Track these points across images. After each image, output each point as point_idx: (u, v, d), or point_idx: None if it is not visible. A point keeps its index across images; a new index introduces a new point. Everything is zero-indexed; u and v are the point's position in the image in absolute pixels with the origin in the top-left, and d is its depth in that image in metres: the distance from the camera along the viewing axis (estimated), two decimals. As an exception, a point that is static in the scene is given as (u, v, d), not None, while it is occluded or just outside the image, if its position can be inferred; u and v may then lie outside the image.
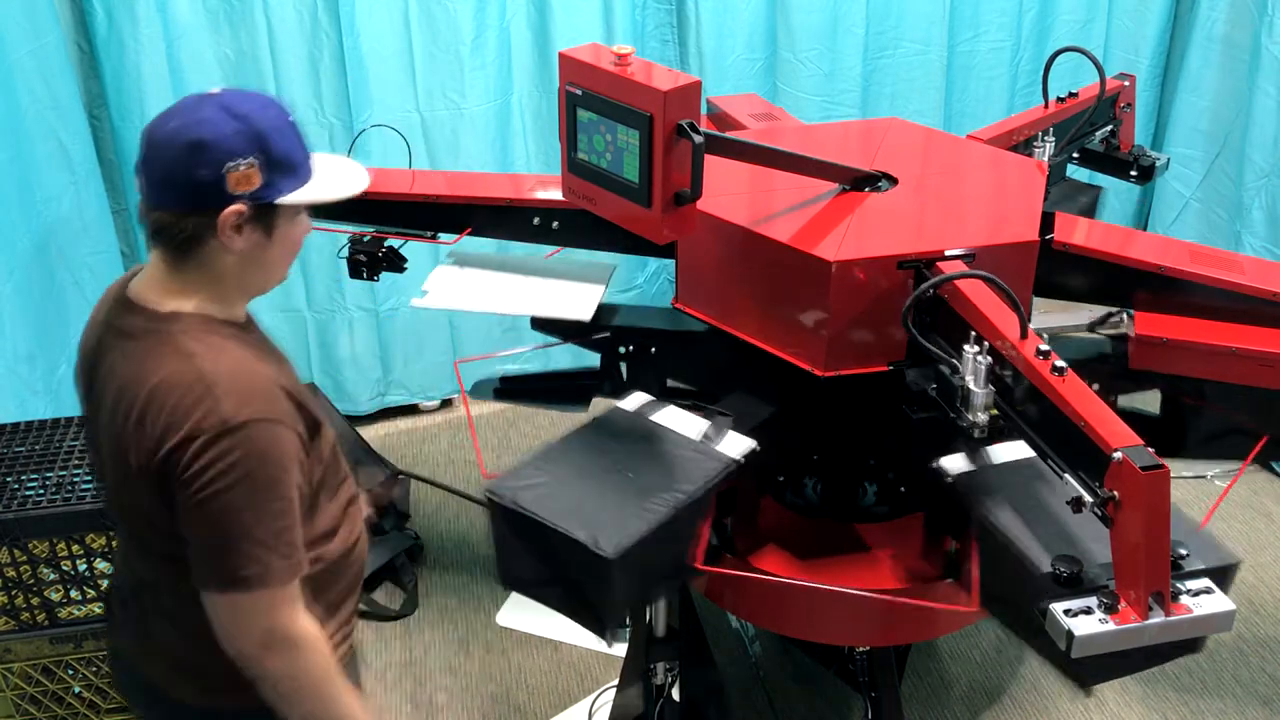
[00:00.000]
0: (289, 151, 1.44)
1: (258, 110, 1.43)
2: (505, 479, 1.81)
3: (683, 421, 2.01)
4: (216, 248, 1.45)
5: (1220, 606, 1.49)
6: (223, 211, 1.41)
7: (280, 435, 1.43)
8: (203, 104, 1.42)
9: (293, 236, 1.51)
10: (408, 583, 3.17)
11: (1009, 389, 1.73)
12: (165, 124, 1.41)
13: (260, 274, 1.52)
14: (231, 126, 1.39)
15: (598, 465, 1.87)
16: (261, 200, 1.43)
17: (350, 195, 1.53)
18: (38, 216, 2.91)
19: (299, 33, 3.30)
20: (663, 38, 3.71)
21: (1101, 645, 1.46)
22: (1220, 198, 3.99)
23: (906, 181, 2.25)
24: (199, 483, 1.39)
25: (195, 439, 1.38)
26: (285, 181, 1.44)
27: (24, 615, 2.37)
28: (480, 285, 2.39)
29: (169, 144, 1.40)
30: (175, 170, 1.40)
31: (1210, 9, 3.84)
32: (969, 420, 1.73)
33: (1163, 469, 1.42)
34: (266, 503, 1.42)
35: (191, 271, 1.47)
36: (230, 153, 1.39)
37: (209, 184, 1.39)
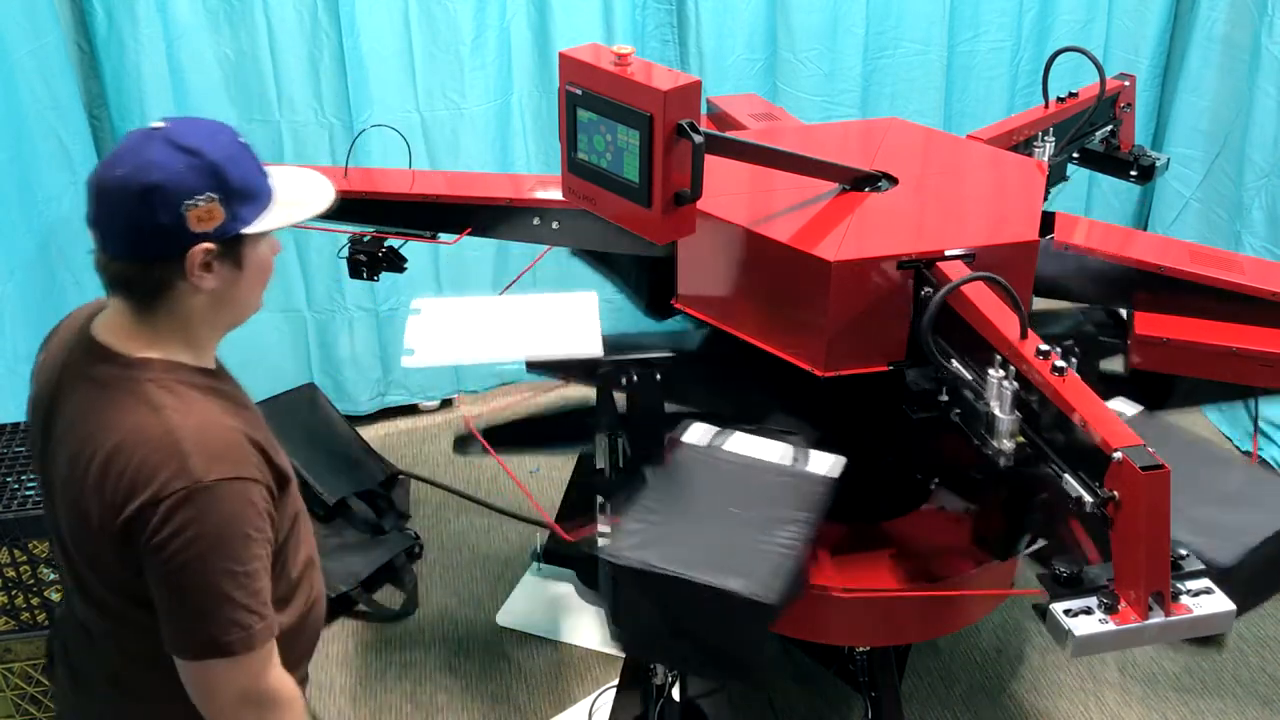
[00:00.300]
0: (246, 178, 1.38)
1: (207, 140, 1.35)
2: (614, 542, 1.69)
3: (761, 448, 1.97)
4: (186, 290, 1.38)
5: (1220, 607, 1.49)
6: (189, 253, 1.34)
7: (250, 492, 1.37)
8: (148, 143, 1.34)
9: (263, 260, 1.45)
10: (408, 583, 3.17)
11: (1036, 414, 1.64)
12: (112, 171, 1.33)
13: (233, 309, 1.46)
14: (183, 163, 1.32)
15: (701, 508, 1.78)
16: (227, 234, 1.36)
17: (318, 212, 1.46)
18: (38, 216, 2.91)
19: (299, 33, 3.30)
20: (663, 38, 3.71)
21: (1101, 646, 1.46)
22: (1220, 198, 3.98)
23: (906, 181, 2.25)
24: (170, 548, 1.32)
25: (163, 500, 1.32)
26: (248, 210, 1.38)
27: (24, 615, 2.37)
28: (466, 333, 2.21)
29: (120, 192, 1.32)
30: (132, 219, 1.32)
31: (1210, 9, 3.84)
32: (994, 448, 1.64)
33: (1163, 469, 1.42)
34: (242, 564, 1.36)
35: (160, 318, 1.40)
36: (187, 191, 1.32)
37: (170, 228, 1.32)
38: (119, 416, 1.37)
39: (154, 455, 1.33)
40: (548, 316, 2.10)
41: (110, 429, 1.36)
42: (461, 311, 2.08)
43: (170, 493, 1.32)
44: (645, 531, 1.71)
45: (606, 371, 2.30)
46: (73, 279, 3.03)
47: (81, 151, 3.13)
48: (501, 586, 3.21)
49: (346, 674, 2.93)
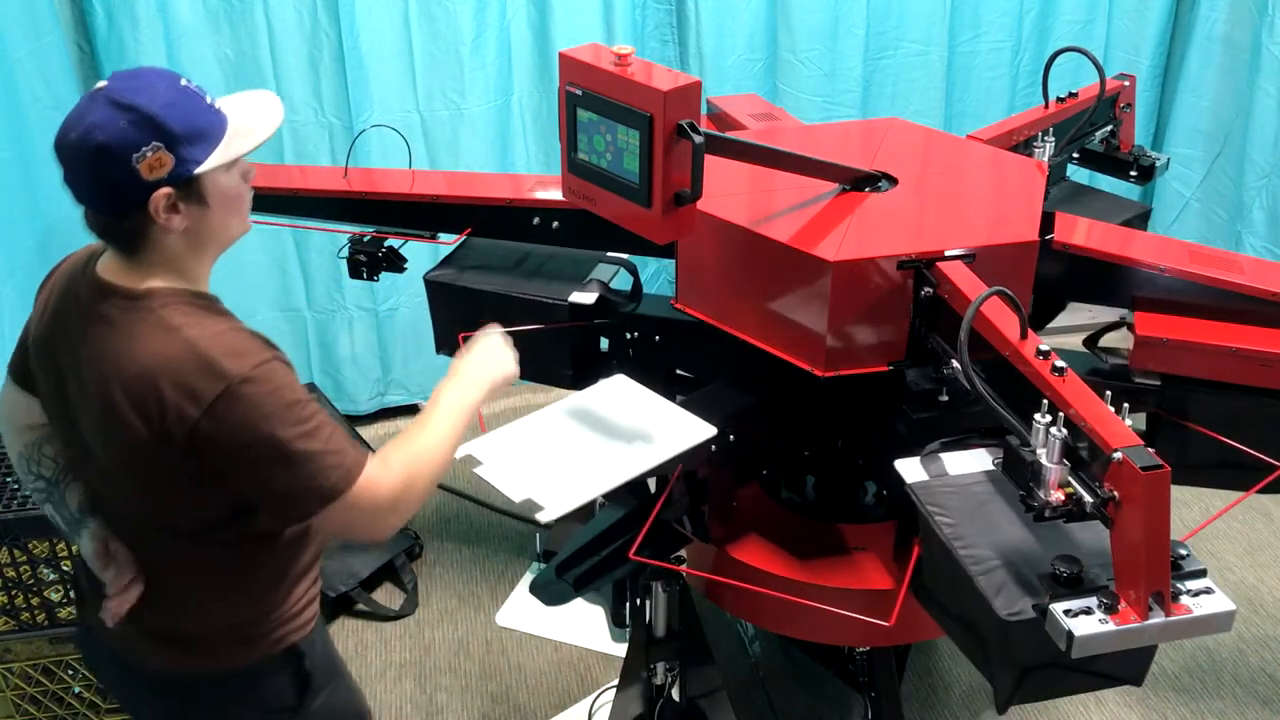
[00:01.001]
0: (190, 120, 1.44)
1: (145, 92, 1.42)
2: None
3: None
4: (160, 232, 1.46)
5: (1220, 606, 1.48)
6: (150, 200, 1.43)
7: (282, 367, 1.47)
8: (91, 106, 1.42)
9: (229, 189, 1.51)
10: (408, 583, 3.17)
11: (1085, 463, 1.54)
12: (67, 136, 1.42)
13: (213, 239, 1.53)
14: (124, 119, 1.39)
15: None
16: (181, 176, 1.43)
17: (269, 135, 1.52)
18: (38, 216, 2.91)
19: (299, 33, 3.30)
20: (663, 38, 3.71)
21: (1102, 645, 1.46)
22: (1220, 198, 3.99)
23: (906, 181, 2.25)
24: (238, 443, 1.42)
25: (211, 409, 1.40)
26: (197, 149, 1.44)
27: (24, 615, 2.37)
28: (559, 467, 1.88)
29: (77, 156, 1.41)
30: (92, 178, 1.42)
31: (1210, 9, 3.84)
32: (1040, 500, 1.55)
33: (1163, 469, 1.42)
34: (308, 421, 1.45)
35: (147, 258, 1.49)
36: (132, 145, 1.39)
37: (126, 182, 1.41)
38: (139, 344, 1.44)
39: (185, 372, 1.41)
40: (614, 418, 1.99)
41: (134, 357, 1.44)
42: (521, 446, 1.93)
43: (214, 398, 1.40)
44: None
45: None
46: (73, 279, 3.03)
47: (82, 151, 3.13)
48: (501, 586, 3.21)
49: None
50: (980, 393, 1.66)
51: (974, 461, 1.81)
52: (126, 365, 1.44)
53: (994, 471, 1.79)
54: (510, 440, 1.93)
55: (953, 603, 1.78)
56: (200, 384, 1.41)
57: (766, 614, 2.30)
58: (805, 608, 2.14)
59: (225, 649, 1.62)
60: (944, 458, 1.82)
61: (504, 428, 1.95)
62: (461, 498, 3.54)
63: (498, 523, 3.47)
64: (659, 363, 2.44)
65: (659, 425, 1.95)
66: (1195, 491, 2.94)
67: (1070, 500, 1.53)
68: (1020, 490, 1.62)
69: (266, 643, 1.64)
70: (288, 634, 1.66)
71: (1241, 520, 3.41)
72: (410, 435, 1.59)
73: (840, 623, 2.09)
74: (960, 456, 1.82)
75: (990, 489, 1.76)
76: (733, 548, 2.26)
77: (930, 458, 1.82)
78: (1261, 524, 3.40)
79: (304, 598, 1.69)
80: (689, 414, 1.98)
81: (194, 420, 1.41)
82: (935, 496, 1.75)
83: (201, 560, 1.58)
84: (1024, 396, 1.67)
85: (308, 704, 1.70)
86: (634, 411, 2.00)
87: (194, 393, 1.41)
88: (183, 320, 1.46)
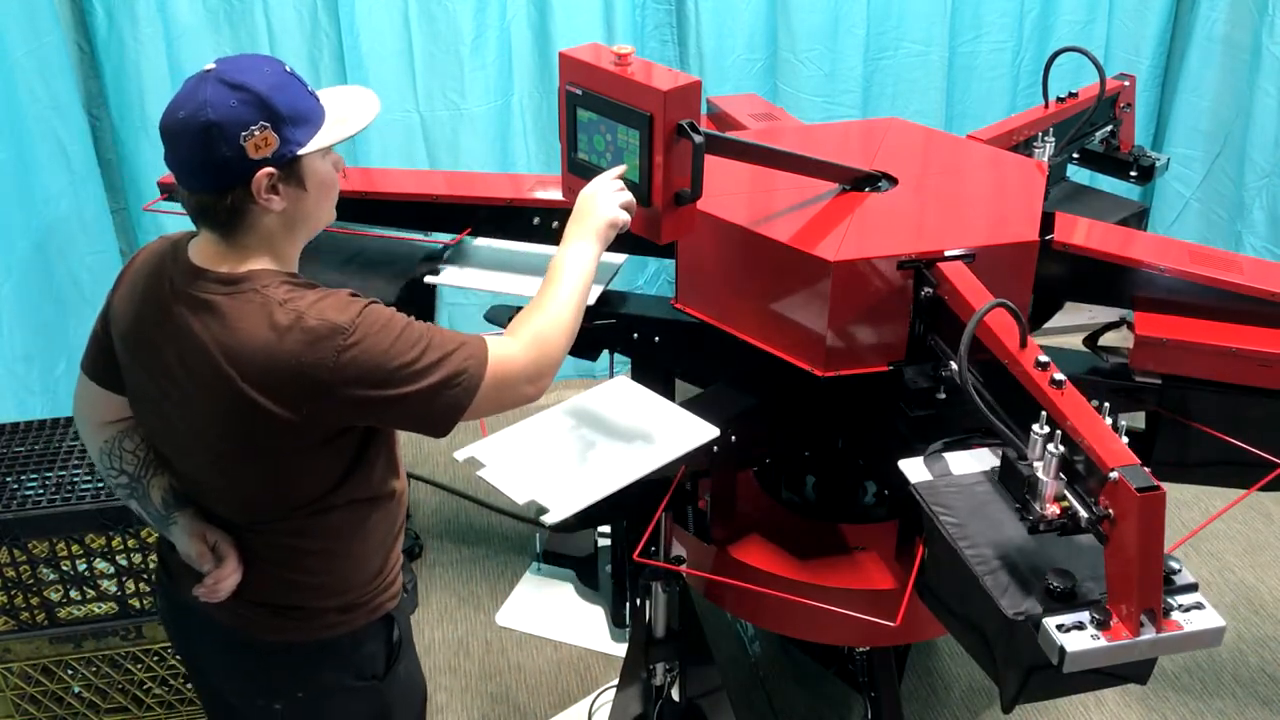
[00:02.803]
0: (294, 103, 1.49)
1: (253, 73, 1.47)
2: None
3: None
4: (259, 212, 1.51)
5: (1210, 623, 1.49)
6: (253, 178, 1.47)
7: (378, 307, 1.52)
8: (201, 85, 1.46)
9: (325, 176, 1.56)
10: (407, 583, 3.17)
11: (1081, 476, 1.55)
12: (175, 115, 1.46)
13: (306, 223, 1.58)
14: (235, 98, 1.44)
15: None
16: (285, 157, 1.48)
17: (367, 123, 1.58)
18: (37, 216, 2.91)
19: (299, 33, 3.30)
20: (663, 38, 3.71)
21: (1093, 660, 1.46)
22: (1220, 198, 3.99)
23: (906, 181, 2.25)
24: (371, 382, 1.47)
25: (335, 365, 1.45)
26: (300, 132, 1.50)
27: (24, 615, 2.37)
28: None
29: (184, 133, 1.45)
30: (197, 156, 1.45)
31: (1210, 9, 3.84)
32: (1036, 513, 1.56)
33: (1158, 490, 1.42)
34: (421, 342, 1.51)
35: (244, 239, 1.53)
36: (242, 124, 1.44)
37: (232, 159, 1.45)
38: (251, 326, 1.48)
39: (303, 343, 1.46)
40: (616, 420, 2.00)
41: (250, 338, 1.47)
42: (524, 448, 1.95)
43: (340, 350, 1.46)
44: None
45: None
46: (71, 279, 3.03)
47: (81, 152, 3.13)
48: (501, 586, 3.21)
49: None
50: (979, 405, 1.66)
51: (977, 461, 1.82)
52: (243, 348, 1.47)
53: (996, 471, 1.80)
54: (513, 442, 1.93)
55: (958, 602, 1.78)
56: (320, 351, 1.45)
57: (767, 614, 2.30)
58: (805, 608, 2.14)
59: (330, 616, 1.66)
60: (947, 457, 1.82)
61: (507, 430, 1.96)
62: (461, 498, 3.54)
63: (498, 523, 3.47)
64: (659, 363, 2.44)
65: (661, 426, 1.95)
66: (1195, 491, 2.95)
67: (1065, 514, 1.53)
68: (1016, 503, 1.63)
69: (366, 610, 1.69)
70: (385, 601, 1.71)
71: (1241, 520, 3.41)
72: (535, 304, 1.67)
73: (841, 623, 2.09)
74: (963, 456, 1.82)
75: (993, 489, 1.76)
76: (733, 548, 2.26)
77: (933, 457, 1.82)
78: (1261, 524, 3.40)
79: (397, 564, 1.74)
80: (691, 415, 1.98)
81: (326, 384, 1.45)
82: (940, 496, 1.75)
83: (310, 532, 1.61)
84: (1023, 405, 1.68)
85: (393, 672, 1.75)
86: (636, 413, 2.00)
87: (317, 360, 1.45)
88: (281, 296, 1.50)
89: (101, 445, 1.70)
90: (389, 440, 1.66)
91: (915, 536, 2.00)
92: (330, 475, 1.57)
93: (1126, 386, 2.11)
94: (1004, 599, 1.56)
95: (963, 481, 1.78)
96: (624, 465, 1.86)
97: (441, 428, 1.57)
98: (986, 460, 1.81)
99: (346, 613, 1.67)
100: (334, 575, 1.65)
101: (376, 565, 1.69)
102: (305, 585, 1.64)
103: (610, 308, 2.39)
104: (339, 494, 1.59)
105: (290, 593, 1.64)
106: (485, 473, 1.86)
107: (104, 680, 2.45)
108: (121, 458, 1.69)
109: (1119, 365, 2.16)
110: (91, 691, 2.46)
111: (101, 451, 1.70)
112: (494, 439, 1.94)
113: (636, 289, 3.94)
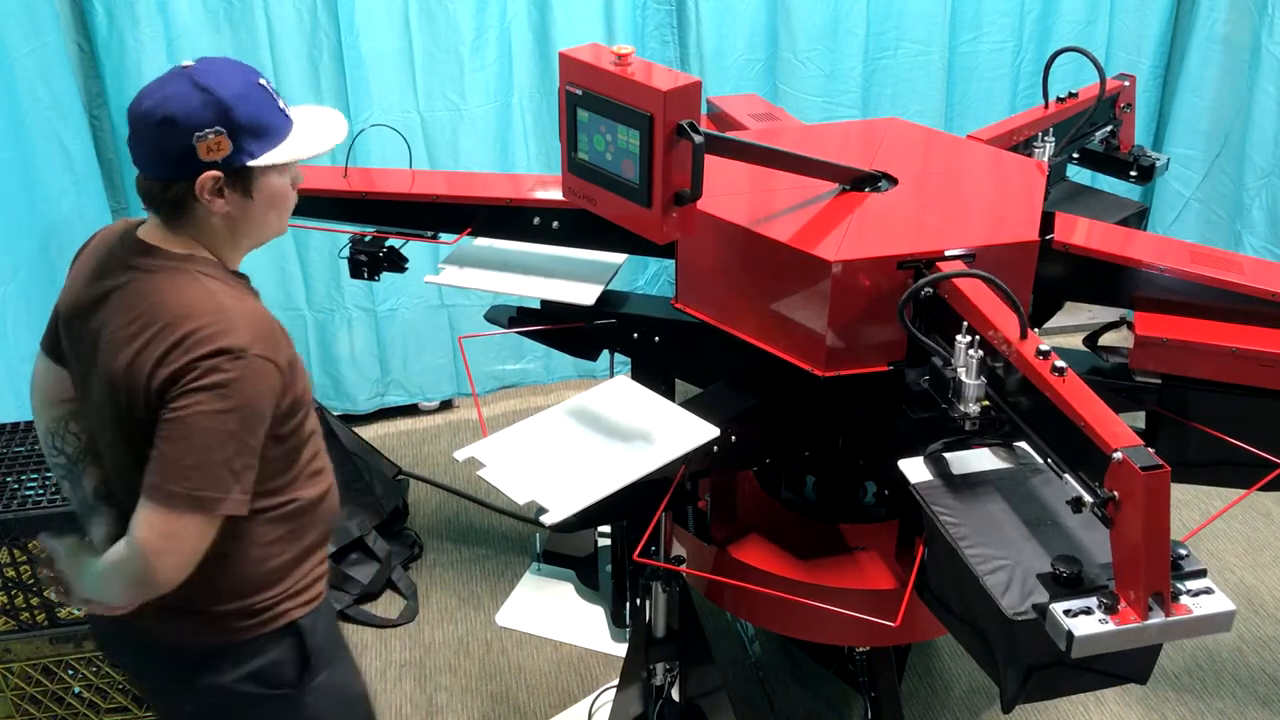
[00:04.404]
0: (256, 115, 1.52)
1: (223, 79, 1.51)
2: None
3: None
4: (202, 210, 1.54)
5: (1220, 607, 1.48)
6: (198, 178, 1.50)
7: (275, 380, 1.52)
8: (173, 79, 1.50)
9: (276, 192, 1.58)
10: (407, 592, 3.17)
11: (1001, 381, 1.75)
12: (141, 103, 1.51)
13: (249, 232, 1.60)
14: (198, 99, 1.48)
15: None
16: (234, 165, 1.51)
17: (327, 148, 1.60)
18: (39, 216, 2.91)
19: (299, 33, 3.30)
20: (663, 38, 3.71)
21: (1102, 645, 1.46)
22: (1220, 198, 3.99)
23: (906, 181, 2.25)
24: (200, 397, 1.46)
25: (211, 357, 1.46)
26: (257, 144, 1.52)
27: (24, 615, 2.37)
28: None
29: (145, 121, 1.49)
30: (152, 145, 1.50)
31: (1210, 9, 3.84)
32: (960, 411, 1.76)
33: (1163, 469, 1.42)
34: (248, 437, 1.50)
35: (186, 230, 1.57)
36: (198, 124, 1.48)
37: (182, 155, 1.49)
38: (174, 295, 1.51)
39: (208, 323, 1.48)
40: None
41: (167, 305, 1.51)
42: (524, 448, 1.94)
43: (219, 351, 1.46)
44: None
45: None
46: (73, 279, 3.03)
47: (82, 152, 3.13)
48: (501, 586, 3.21)
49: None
50: (912, 333, 1.84)
51: (977, 461, 1.82)
52: (159, 309, 1.50)
53: (998, 471, 1.81)
54: (513, 442, 1.94)
55: (958, 602, 1.78)
56: (217, 338, 1.46)
57: (767, 614, 2.30)
58: (805, 608, 2.15)
59: (229, 620, 1.65)
60: (947, 458, 1.83)
61: (507, 430, 1.96)
62: (461, 498, 3.54)
63: (498, 523, 3.47)
64: (659, 363, 2.44)
65: (662, 427, 1.96)
66: (1195, 491, 2.96)
67: (986, 412, 1.72)
68: (943, 404, 1.78)
69: (269, 617, 1.67)
70: (291, 610, 1.69)
71: (1241, 520, 3.41)
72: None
73: (841, 623, 2.09)
74: (963, 456, 1.83)
75: (993, 489, 1.77)
76: (733, 548, 2.26)
77: (933, 458, 1.83)
78: (1261, 524, 3.40)
79: (310, 574, 1.72)
80: (691, 415, 1.98)
81: (189, 359, 1.46)
82: (940, 496, 1.76)
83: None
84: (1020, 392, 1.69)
85: (307, 682, 1.72)
86: (636, 413, 2.00)
87: (204, 341, 1.46)
88: (219, 287, 1.53)
89: (48, 423, 1.73)
90: (295, 446, 1.63)
91: (915, 536, 2.00)
92: None
93: (1126, 386, 2.11)
94: (1004, 599, 1.56)
95: (963, 482, 1.79)
96: (624, 465, 1.86)
97: (153, 489, 1.49)
98: (987, 460, 1.82)
99: (247, 618, 1.65)
100: (229, 580, 1.63)
101: (280, 573, 1.67)
102: (200, 588, 1.59)
103: (610, 308, 2.39)
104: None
105: (184, 594, 1.59)
106: (485, 473, 1.86)
107: (104, 680, 2.45)
108: (64, 439, 1.72)
109: (1119, 365, 2.16)
110: (91, 691, 2.47)
111: (47, 430, 1.73)
112: (494, 439, 1.94)
113: (636, 289, 3.94)
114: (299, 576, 1.70)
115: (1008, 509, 1.73)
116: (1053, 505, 1.72)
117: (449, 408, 4.04)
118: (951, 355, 1.80)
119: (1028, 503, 1.74)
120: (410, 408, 3.98)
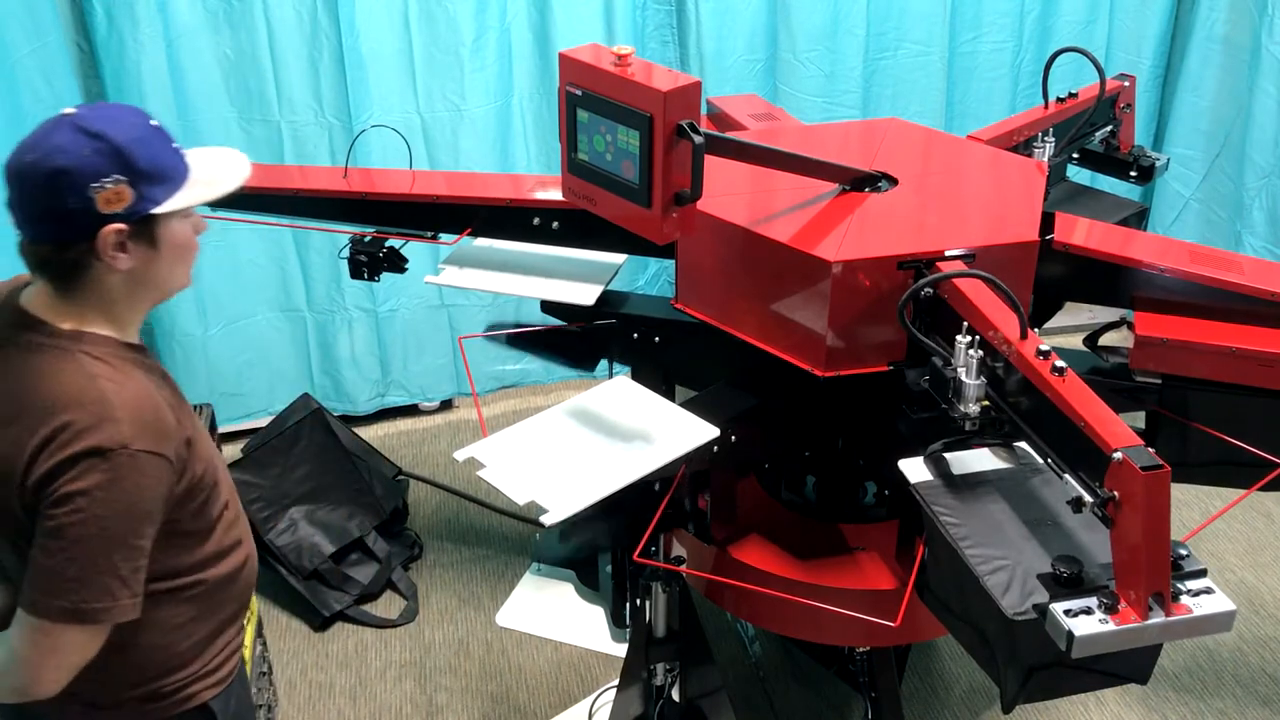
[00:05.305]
0: (155, 159, 1.40)
1: (114, 123, 1.38)
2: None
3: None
4: (103, 270, 1.41)
5: (1220, 607, 1.48)
6: (100, 234, 1.38)
7: (165, 471, 1.41)
8: (56, 129, 1.37)
9: (181, 240, 1.47)
10: (407, 592, 3.17)
11: (1001, 381, 1.75)
12: (23, 157, 1.37)
13: (153, 287, 1.49)
14: (89, 147, 1.35)
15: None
16: (136, 214, 1.39)
17: (231, 190, 1.48)
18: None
19: (299, 33, 3.30)
20: (663, 38, 3.71)
21: (1102, 645, 1.46)
22: (1220, 198, 3.99)
23: (906, 182, 2.25)
24: (76, 502, 1.35)
25: (86, 456, 1.34)
26: (159, 190, 1.40)
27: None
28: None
29: (31, 177, 1.35)
30: (42, 203, 1.36)
31: (1210, 9, 3.84)
32: (960, 411, 1.76)
33: (1163, 469, 1.42)
34: (134, 539, 1.39)
35: (81, 296, 1.43)
36: (93, 174, 1.35)
37: (79, 211, 1.35)
38: (52, 382, 1.39)
39: (85, 416, 1.36)
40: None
41: (44, 391, 1.38)
42: (524, 448, 1.93)
43: (94, 450, 1.34)
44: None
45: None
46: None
47: (82, 152, 3.13)
48: (501, 586, 3.21)
49: (346, 674, 2.93)
50: (912, 333, 1.84)
51: (977, 461, 1.82)
52: (35, 396, 1.38)
53: (998, 471, 1.81)
54: (513, 443, 1.93)
55: (958, 603, 1.78)
56: (91, 434, 1.35)
57: (767, 614, 2.30)
58: (806, 608, 2.15)
59: (140, 705, 1.56)
60: (947, 458, 1.83)
61: (506, 430, 1.96)
62: (461, 498, 3.54)
63: (498, 523, 3.47)
64: (659, 364, 2.44)
65: (662, 427, 1.95)
66: (1195, 491, 2.96)
67: (986, 412, 1.72)
68: (943, 404, 1.79)
69: (176, 700, 1.58)
70: (200, 691, 1.60)
71: (1241, 520, 3.41)
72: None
73: (841, 623, 2.09)
74: (963, 456, 1.83)
75: (993, 489, 1.77)
76: (733, 548, 2.26)
77: (934, 458, 1.83)
78: (1261, 524, 3.40)
79: (220, 653, 1.63)
80: (692, 415, 1.98)
81: (63, 457, 1.34)
82: (940, 497, 1.76)
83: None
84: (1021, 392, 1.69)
85: None
86: (636, 413, 2.00)
87: (79, 437, 1.35)
88: (103, 370, 1.40)
89: None
90: (201, 529, 1.54)
91: (915, 536, 2.00)
92: None
93: (1126, 386, 2.11)
94: (1004, 599, 1.56)
95: (963, 482, 1.79)
96: (624, 465, 1.86)
97: (31, 601, 1.39)
98: (987, 460, 1.82)
99: (151, 701, 1.56)
100: (133, 667, 1.53)
101: (191, 654, 1.58)
102: (101, 677, 1.50)
103: (610, 308, 2.39)
104: None
105: (83, 684, 1.48)
106: (485, 473, 1.86)
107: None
108: None
109: (1119, 365, 2.16)
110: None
111: None
112: (494, 439, 1.94)
113: (636, 289, 3.94)
114: (210, 655, 1.61)
115: (1008, 509, 1.73)
116: (1053, 505, 1.72)
117: (449, 408, 4.04)
118: (951, 355, 1.80)
119: (1028, 503, 1.74)
120: (410, 408, 3.98)
